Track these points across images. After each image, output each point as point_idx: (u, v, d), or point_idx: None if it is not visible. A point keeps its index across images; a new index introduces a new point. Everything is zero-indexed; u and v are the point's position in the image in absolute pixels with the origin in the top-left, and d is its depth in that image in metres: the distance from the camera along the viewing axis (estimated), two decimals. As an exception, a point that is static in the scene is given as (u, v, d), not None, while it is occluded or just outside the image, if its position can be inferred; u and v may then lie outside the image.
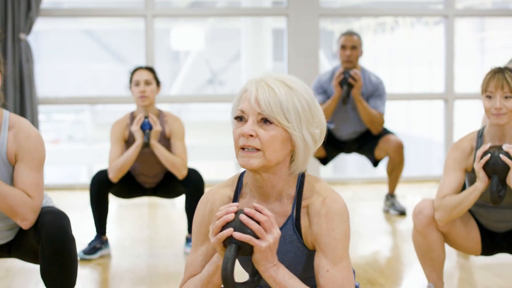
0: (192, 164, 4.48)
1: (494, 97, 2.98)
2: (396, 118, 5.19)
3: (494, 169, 2.89)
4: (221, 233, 1.84)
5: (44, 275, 2.73)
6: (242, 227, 1.84)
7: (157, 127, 4.21)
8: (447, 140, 6.92)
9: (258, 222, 1.85)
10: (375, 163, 5.39)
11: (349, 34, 5.20)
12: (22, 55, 6.19)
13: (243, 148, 1.92)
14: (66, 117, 16.26)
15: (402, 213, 5.31)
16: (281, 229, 1.98)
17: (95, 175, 4.25)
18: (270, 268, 1.87)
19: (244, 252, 1.85)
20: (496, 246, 3.22)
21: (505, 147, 2.91)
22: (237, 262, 1.89)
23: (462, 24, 12.99)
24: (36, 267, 3.54)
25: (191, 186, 4.22)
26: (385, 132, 5.29)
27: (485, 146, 2.93)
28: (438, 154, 11.24)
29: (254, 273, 1.91)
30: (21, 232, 2.86)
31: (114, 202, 5.44)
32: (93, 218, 4.25)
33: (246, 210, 1.85)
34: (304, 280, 2.00)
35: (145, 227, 5.18)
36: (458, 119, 7.18)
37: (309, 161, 1.98)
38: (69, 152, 14.40)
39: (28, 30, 6.22)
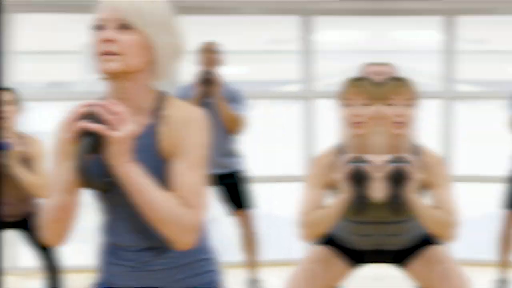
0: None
1: (352, 105, 2.93)
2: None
3: (358, 179, 2.87)
4: (73, 126, 1.77)
5: None
6: (96, 119, 1.77)
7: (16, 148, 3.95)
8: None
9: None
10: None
11: (209, 42, 5.12)
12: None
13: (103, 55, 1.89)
14: None
15: None
16: (138, 138, 1.92)
17: None
18: (125, 164, 1.81)
19: (98, 146, 1.78)
20: (365, 261, 3.18)
21: (367, 157, 2.88)
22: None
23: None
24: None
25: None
26: (244, 204, 5.14)
27: (347, 157, 2.88)
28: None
29: (108, 174, 1.86)
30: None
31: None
32: None
33: (100, 102, 1.81)
34: None
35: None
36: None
37: (171, 73, 1.99)
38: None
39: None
